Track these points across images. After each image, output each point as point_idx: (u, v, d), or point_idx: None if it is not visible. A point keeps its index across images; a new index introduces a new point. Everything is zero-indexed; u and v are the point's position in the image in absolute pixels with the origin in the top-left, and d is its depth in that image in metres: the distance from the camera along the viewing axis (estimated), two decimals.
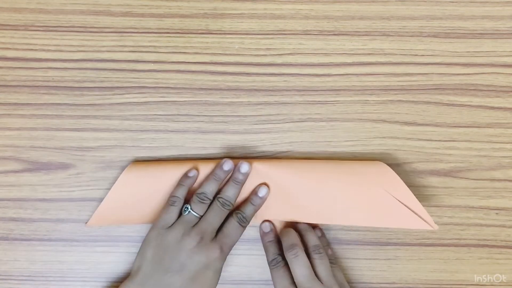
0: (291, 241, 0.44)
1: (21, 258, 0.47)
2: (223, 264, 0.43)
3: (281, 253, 0.45)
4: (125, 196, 0.46)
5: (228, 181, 0.46)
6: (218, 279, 0.43)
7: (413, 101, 0.49)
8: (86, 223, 0.47)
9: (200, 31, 0.50)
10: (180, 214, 0.44)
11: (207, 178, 0.45)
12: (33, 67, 0.49)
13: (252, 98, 0.49)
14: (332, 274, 0.43)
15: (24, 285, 0.47)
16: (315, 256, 0.44)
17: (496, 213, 0.48)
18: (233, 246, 0.44)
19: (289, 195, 0.46)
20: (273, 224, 0.47)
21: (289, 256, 0.43)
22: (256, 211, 0.46)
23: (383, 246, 0.48)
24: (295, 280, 0.42)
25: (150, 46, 0.49)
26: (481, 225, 0.48)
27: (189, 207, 0.44)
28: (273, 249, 0.46)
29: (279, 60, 0.49)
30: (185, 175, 0.46)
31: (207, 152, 0.49)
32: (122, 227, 0.48)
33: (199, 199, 0.44)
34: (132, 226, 0.48)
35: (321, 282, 0.42)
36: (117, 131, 0.48)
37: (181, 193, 0.45)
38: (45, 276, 0.47)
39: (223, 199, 0.44)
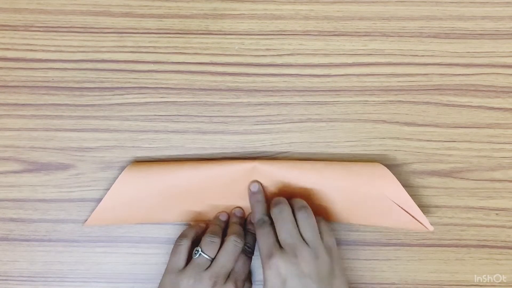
0: (278, 200, 0.44)
1: (21, 259, 0.47)
2: None
3: (269, 214, 0.44)
4: (124, 196, 0.46)
5: (233, 221, 0.46)
6: None
7: (413, 102, 0.49)
8: (83, 223, 0.47)
9: (200, 32, 0.50)
10: (190, 256, 0.43)
11: (210, 224, 0.46)
12: (33, 67, 0.49)
13: (252, 98, 0.49)
14: (319, 235, 0.42)
15: (24, 285, 0.47)
16: (300, 216, 0.42)
17: (496, 214, 0.48)
18: (245, 280, 0.44)
19: (289, 195, 0.46)
20: (261, 185, 0.46)
21: (274, 211, 0.43)
22: (256, 237, 0.45)
23: (383, 246, 0.48)
24: (278, 237, 0.42)
25: (150, 46, 0.49)
26: (481, 225, 0.48)
27: (200, 250, 0.43)
28: (261, 209, 0.45)
29: (279, 60, 0.49)
30: (195, 223, 0.47)
31: (207, 152, 0.49)
32: (122, 228, 0.48)
33: (209, 239, 0.44)
34: (132, 227, 0.48)
35: (306, 242, 0.41)
36: (117, 131, 0.48)
37: (190, 234, 0.45)
38: (45, 277, 0.47)
39: (236, 236, 0.44)
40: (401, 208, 0.45)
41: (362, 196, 0.46)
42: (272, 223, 0.43)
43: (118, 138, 0.48)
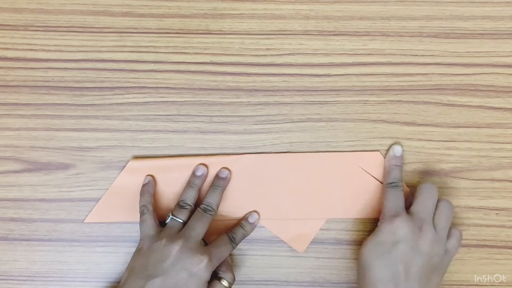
0: (430, 182, 0.45)
1: (21, 258, 0.47)
2: (209, 276, 0.41)
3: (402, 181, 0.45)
4: (125, 193, 0.47)
5: (209, 187, 0.46)
6: None
7: (413, 101, 0.49)
8: (84, 220, 0.47)
9: (200, 31, 0.50)
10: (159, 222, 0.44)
11: (184, 187, 0.46)
12: (33, 67, 0.49)
13: (252, 98, 0.49)
14: (447, 230, 0.43)
15: (24, 285, 0.47)
16: (443, 203, 0.44)
17: (496, 214, 0.48)
18: (221, 259, 0.43)
19: (284, 190, 0.47)
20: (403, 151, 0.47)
21: (425, 185, 0.44)
22: (245, 236, 0.46)
23: None
24: (413, 207, 0.43)
25: (150, 46, 0.49)
26: (481, 225, 0.48)
27: (171, 214, 0.44)
28: (397, 174, 0.46)
29: (279, 60, 0.49)
30: (142, 185, 0.46)
31: (207, 152, 0.49)
32: (122, 227, 0.48)
33: (179, 207, 0.44)
34: (132, 226, 0.48)
35: (435, 227, 0.42)
36: (117, 131, 0.48)
37: (146, 200, 0.45)
38: (45, 276, 0.47)
39: (204, 205, 0.45)
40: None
41: (360, 189, 0.47)
42: (403, 191, 0.44)
43: (118, 138, 0.48)
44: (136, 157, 0.48)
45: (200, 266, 0.41)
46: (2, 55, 0.49)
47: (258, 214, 0.47)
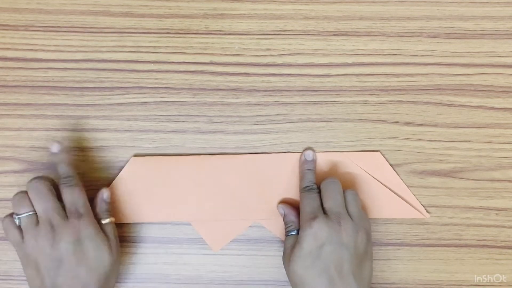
0: (330, 177, 0.44)
1: None
2: (93, 227, 0.41)
3: (317, 184, 0.45)
4: (125, 192, 0.47)
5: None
6: (105, 237, 0.41)
7: (413, 102, 0.49)
8: None
9: (200, 32, 0.50)
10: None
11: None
12: (33, 67, 0.49)
13: (252, 98, 0.49)
14: (362, 217, 0.43)
15: (24, 285, 0.47)
16: (349, 193, 0.44)
17: (496, 214, 0.48)
18: (86, 206, 0.42)
19: (286, 189, 0.47)
20: (316, 155, 0.47)
21: (326, 182, 0.44)
22: (67, 164, 0.43)
23: (383, 246, 0.48)
24: (324, 205, 0.43)
25: (150, 46, 0.49)
26: (481, 225, 0.48)
27: (15, 215, 0.41)
28: (311, 177, 0.46)
29: (279, 60, 0.49)
30: None
31: (207, 152, 0.49)
32: (122, 227, 0.48)
33: (13, 200, 0.42)
34: (132, 226, 0.48)
35: (351, 217, 0.42)
36: (117, 131, 0.48)
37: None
38: None
39: (32, 179, 0.42)
40: (397, 195, 0.47)
41: (359, 189, 0.47)
42: (319, 193, 0.44)
43: (118, 138, 0.48)
44: (137, 155, 0.48)
45: (82, 232, 0.40)
46: (2, 55, 0.49)
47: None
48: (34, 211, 0.41)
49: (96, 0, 0.50)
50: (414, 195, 0.48)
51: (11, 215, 0.42)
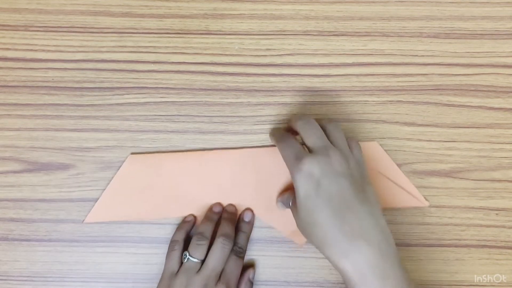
0: (301, 114, 0.43)
1: (21, 259, 0.47)
2: None
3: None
4: (124, 191, 0.47)
5: (224, 219, 0.46)
6: None
7: (413, 102, 0.49)
8: (83, 220, 0.47)
9: (200, 32, 0.50)
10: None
11: (202, 221, 0.46)
12: (33, 67, 0.49)
13: (252, 98, 0.49)
14: (347, 146, 0.41)
15: (24, 285, 0.47)
16: (329, 127, 0.42)
17: (496, 214, 0.48)
18: (237, 279, 0.44)
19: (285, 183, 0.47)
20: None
21: (299, 123, 0.42)
22: (249, 237, 0.47)
23: None
24: (306, 144, 0.41)
25: (150, 46, 0.49)
26: (481, 225, 0.48)
27: (187, 254, 0.44)
28: (287, 132, 0.44)
29: (279, 60, 0.49)
30: (183, 220, 0.47)
31: None
32: (122, 227, 0.48)
33: (196, 242, 0.44)
34: (132, 227, 0.48)
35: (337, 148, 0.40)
36: (117, 131, 0.48)
37: (180, 237, 0.45)
38: (45, 277, 0.47)
39: (224, 237, 0.44)
40: (396, 184, 0.47)
41: None
42: (297, 139, 0.42)
43: (118, 138, 0.48)
44: (134, 153, 0.48)
45: None
46: (2, 55, 0.49)
47: (252, 210, 0.47)
48: (203, 261, 0.43)
49: (96, 0, 0.50)
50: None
51: (183, 249, 0.45)
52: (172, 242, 0.45)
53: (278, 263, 0.47)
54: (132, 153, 0.48)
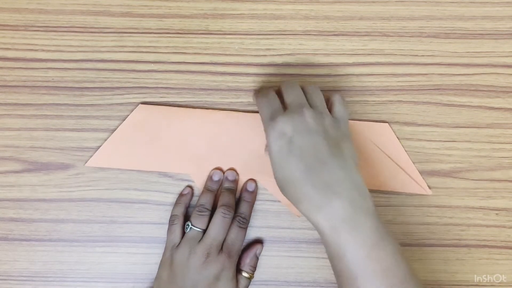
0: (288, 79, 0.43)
1: (21, 259, 0.47)
2: (234, 270, 0.44)
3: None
4: (130, 139, 0.47)
5: (224, 189, 0.47)
6: (236, 285, 0.44)
7: (413, 102, 0.49)
8: (85, 163, 0.47)
9: (200, 32, 0.50)
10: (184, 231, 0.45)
11: (202, 191, 0.47)
12: (33, 67, 0.49)
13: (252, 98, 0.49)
14: (325, 106, 0.42)
15: (24, 285, 0.47)
16: (309, 88, 0.42)
17: (496, 214, 0.48)
18: (240, 249, 0.45)
19: None
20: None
21: (284, 83, 0.43)
22: (252, 207, 0.47)
23: None
24: (285, 102, 0.41)
25: (150, 46, 0.49)
26: (481, 225, 0.48)
27: (190, 223, 0.44)
28: (269, 89, 0.44)
29: (279, 60, 0.49)
30: (180, 194, 0.47)
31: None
32: (122, 227, 0.48)
33: (198, 213, 0.45)
34: (132, 226, 0.48)
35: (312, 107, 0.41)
36: None
37: (179, 211, 0.46)
38: (45, 277, 0.47)
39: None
40: (403, 169, 0.47)
41: (366, 159, 0.47)
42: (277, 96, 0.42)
43: None
44: (144, 103, 0.48)
45: (223, 268, 0.43)
46: (2, 55, 0.49)
47: (255, 181, 0.48)
48: (205, 230, 0.44)
49: (96, 0, 0.50)
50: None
51: (183, 223, 0.45)
52: (172, 217, 0.46)
53: (278, 263, 0.47)
54: (142, 103, 0.48)
